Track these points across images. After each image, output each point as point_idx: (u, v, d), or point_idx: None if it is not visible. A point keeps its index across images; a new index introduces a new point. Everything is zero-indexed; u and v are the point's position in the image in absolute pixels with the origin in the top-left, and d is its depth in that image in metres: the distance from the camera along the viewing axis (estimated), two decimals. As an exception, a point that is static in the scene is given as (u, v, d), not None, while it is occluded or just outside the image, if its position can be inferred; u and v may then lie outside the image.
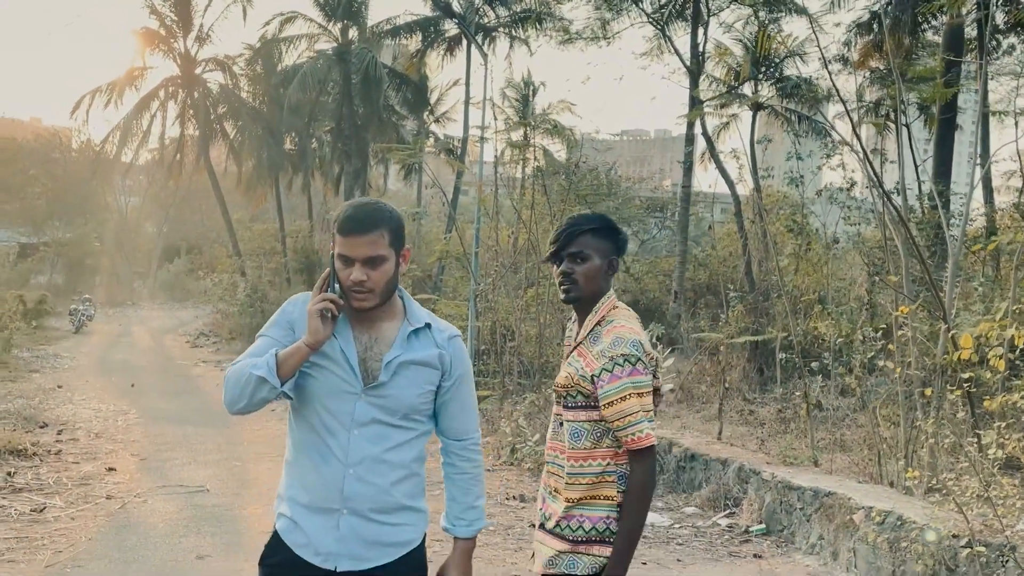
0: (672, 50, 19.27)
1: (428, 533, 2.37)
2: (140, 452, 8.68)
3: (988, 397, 5.57)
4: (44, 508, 6.23)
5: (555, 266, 2.55)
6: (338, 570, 2.19)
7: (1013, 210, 15.39)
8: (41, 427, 9.75)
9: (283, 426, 9.94)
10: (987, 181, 17.16)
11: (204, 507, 6.49)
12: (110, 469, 7.72)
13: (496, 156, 14.28)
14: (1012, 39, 18.58)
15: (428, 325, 2.29)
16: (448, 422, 2.36)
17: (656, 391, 2.51)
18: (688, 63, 18.62)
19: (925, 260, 6.84)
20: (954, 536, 4.62)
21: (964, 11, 14.16)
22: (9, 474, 7.21)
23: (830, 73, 11.42)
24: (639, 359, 2.40)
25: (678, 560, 5.56)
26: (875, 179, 7.66)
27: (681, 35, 19.56)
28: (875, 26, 18.59)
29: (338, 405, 2.21)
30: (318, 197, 32.30)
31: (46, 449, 8.33)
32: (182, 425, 10.62)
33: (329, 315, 2.13)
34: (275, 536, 2.30)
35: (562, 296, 2.53)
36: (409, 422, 2.25)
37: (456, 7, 25.80)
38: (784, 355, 13.36)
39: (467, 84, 26.21)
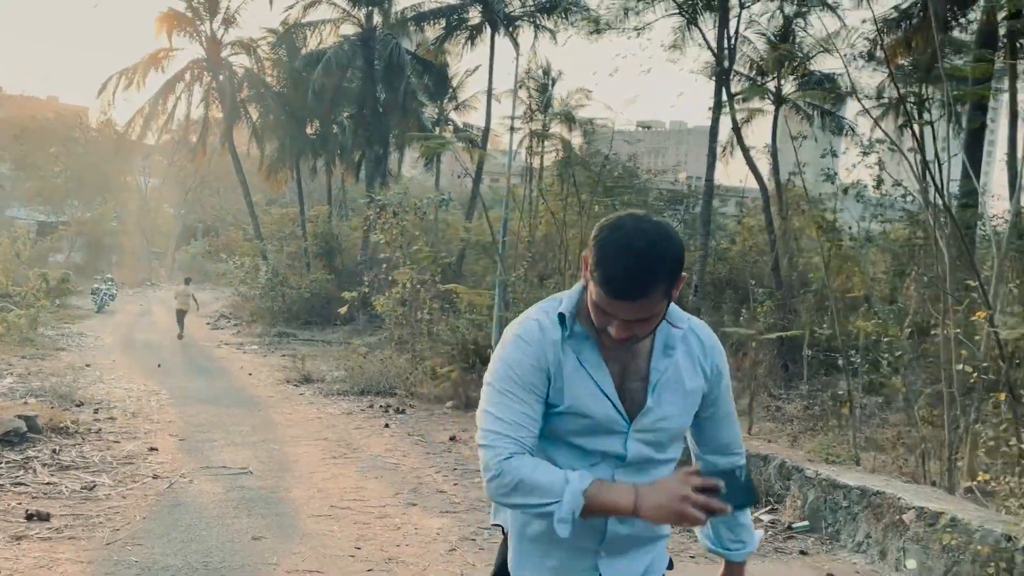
0: (700, 43, 19.18)
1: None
2: (178, 432, 8.76)
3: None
4: (94, 486, 6.31)
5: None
6: None
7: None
8: (77, 406, 9.85)
9: (314, 409, 10.09)
10: (1014, 181, 17.06)
11: (250, 489, 6.56)
12: (152, 449, 7.80)
13: (517, 146, 14.30)
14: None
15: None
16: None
17: None
18: (717, 56, 18.53)
19: (974, 259, 6.82)
20: (1009, 539, 4.63)
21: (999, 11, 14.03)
22: (55, 451, 7.30)
23: (847, 69, 11.28)
24: None
25: (725, 554, 5.59)
26: (919, 175, 7.66)
27: (711, 28, 19.46)
28: (903, 23, 18.47)
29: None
30: (337, 182, 32.38)
31: (87, 428, 8.42)
32: (214, 406, 10.71)
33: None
34: None
35: None
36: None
37: (482, -6, 25.76)
38: (811, 352, 13.37)
39: (490, 73, 26.23)
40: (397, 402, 11.56)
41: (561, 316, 1.82)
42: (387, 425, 9.94)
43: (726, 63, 18.63)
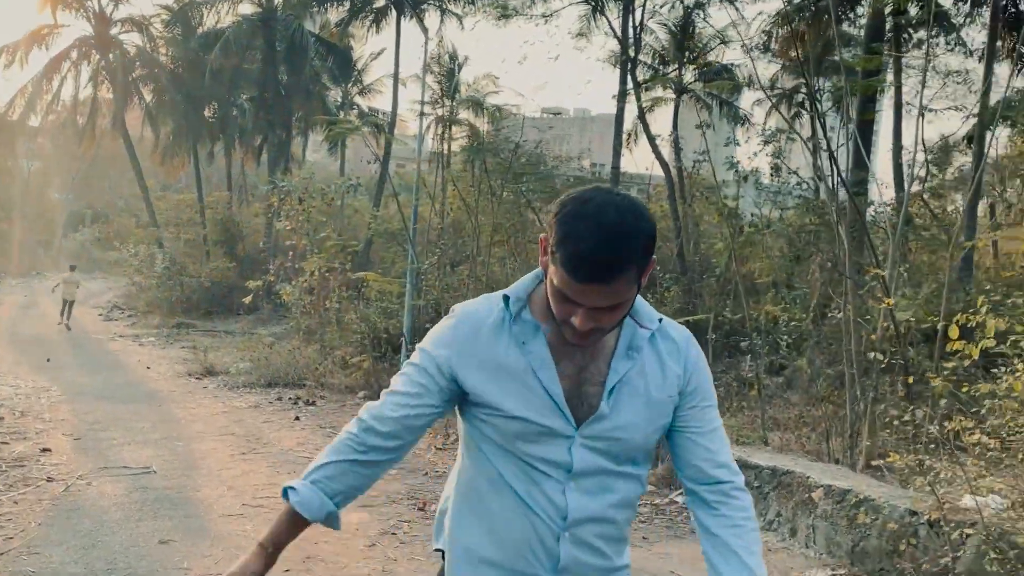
0: (606, 31, 19.41)
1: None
2: (73, 431, 8.30)
3: (936, 376, 5.85)
4: (-18, 492, 5.90)
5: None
6: None
7: (919, 198, 16.17)
8: (-41, 405, 9.22)
9: (219, 403, 9.72)
10: (898, 170, 17.94)
11: (154, 489, 6.26)
12: (44, 450, 7.35)
13: (425, 131, 14.13)
14: (922, 33, 19.37)
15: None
16: None
17: None
18: (623, 44, 18.77)
19: (874, 245, 7.11)
20: (914, 514, 4.84)
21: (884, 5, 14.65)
22: (-65, 456, 6.80)
23: (752, 59, 11.63)
24: None
25: (644, 538, 5.67)
26: (818, 162, 7.95)
27: (616, 17, 19.69)
28: (797, 16, 19.14)
29: None
30: (237, 167, 31.32)
31: (-30, 429, 7.88)
32: (110, 402, 10.20)
33: None
34: None
35: None
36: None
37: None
38: (714, 336, 13.74)
39: (396, 57, 25.82)
40: (307, 394, 11.28)
41: (506, 298, 1.63)
42: (297, 418, 9.68)
43: (632, 52, 18.90)
